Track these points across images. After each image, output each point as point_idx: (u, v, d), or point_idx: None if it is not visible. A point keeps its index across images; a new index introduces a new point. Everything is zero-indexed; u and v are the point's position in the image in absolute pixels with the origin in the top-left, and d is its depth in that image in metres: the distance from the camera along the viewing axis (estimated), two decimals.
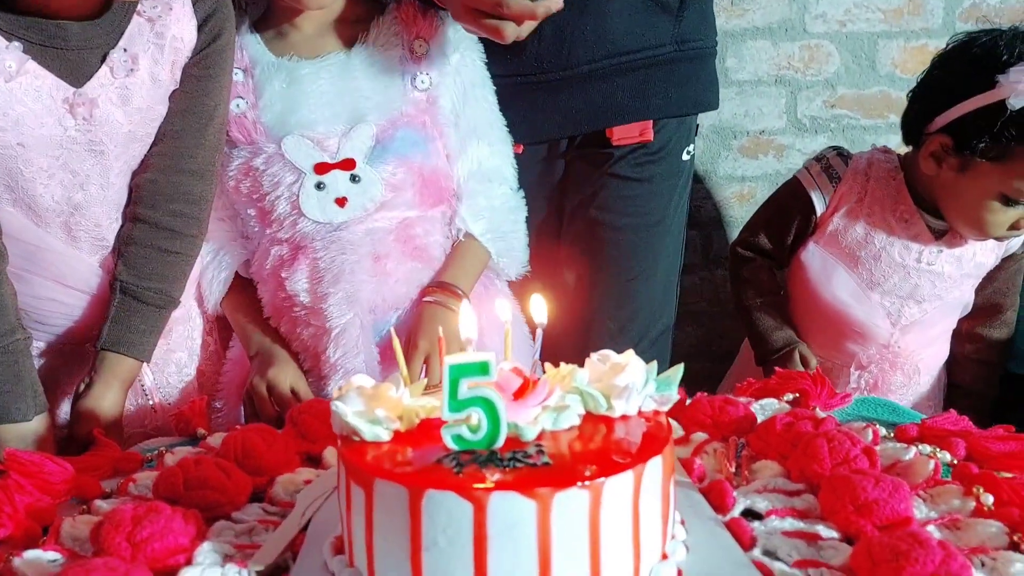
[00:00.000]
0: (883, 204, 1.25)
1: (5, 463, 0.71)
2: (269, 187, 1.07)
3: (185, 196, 1.01)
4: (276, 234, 1.09)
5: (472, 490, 0.51)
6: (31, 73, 0.90)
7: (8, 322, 0.92)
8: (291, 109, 1.07)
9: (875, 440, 0.78)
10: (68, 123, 0.93)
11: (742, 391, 0.92)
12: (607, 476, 0.53)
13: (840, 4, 1.74)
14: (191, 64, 0.99)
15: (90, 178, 0.96)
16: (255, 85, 1.08)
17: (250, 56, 1.09)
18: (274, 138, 1.06)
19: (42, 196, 0.95)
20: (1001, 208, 1.16)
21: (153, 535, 0.59)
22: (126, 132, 0.96)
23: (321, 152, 1.07)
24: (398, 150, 1.08)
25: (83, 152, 0.95)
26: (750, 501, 0.67)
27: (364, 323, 1.08)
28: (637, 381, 0.62)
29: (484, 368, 0.56)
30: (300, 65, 1.08)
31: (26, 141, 0.91)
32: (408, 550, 0.53)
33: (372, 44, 1.09)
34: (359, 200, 1.07)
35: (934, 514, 0.65)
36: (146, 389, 1.08)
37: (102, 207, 0.99)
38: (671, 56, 1.21)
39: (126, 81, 0.95)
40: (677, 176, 1.28)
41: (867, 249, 1.27)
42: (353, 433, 0.58)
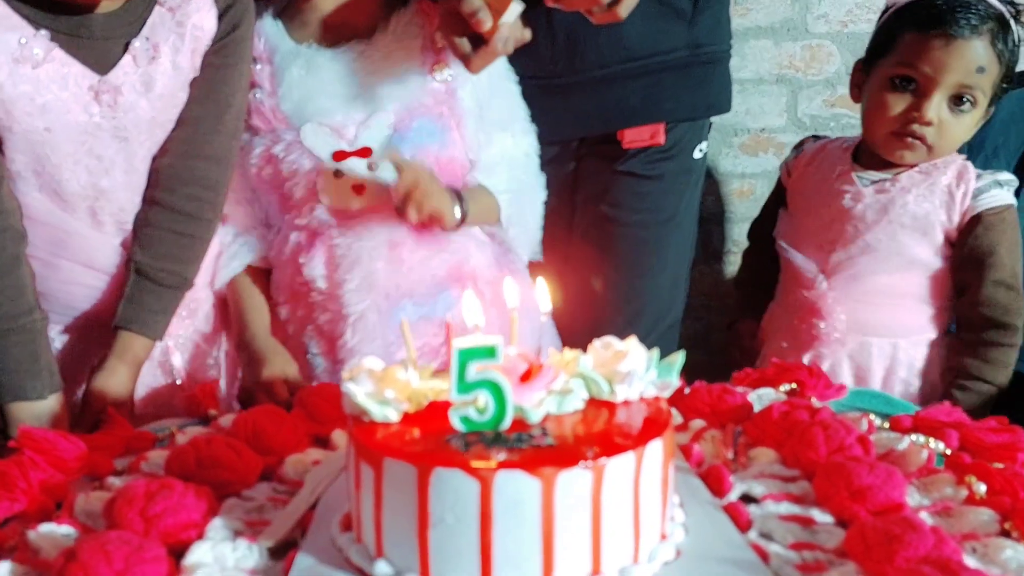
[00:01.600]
0: (829, 162, 1.25)
1: (19, 440, 0.73)
2: (288, 174, 1.08)
3: (202, 180, 1.03)
4: (295, 220, 1.10)
5: (479, 468, 0.53)
6: (57, 61, 0.92)
7: (26, 302, 0.93)
8: (309, 97, 1.08)
9: (870, 429, 0.79)
10: (93, 110, 0.95)
11: (740, 380, 0.94)
12: (609, 457, 0.54)
13: (842, 5, 1.76)
14: (210, 52, 1.01)
15: (115, 163, 0.98)
16: (273, 72, 1.09)
17: (269, 44, 1.10)
18: (293, 126, 1.08)
19: (68, 181, 0.97)
20: (892, 97, 1.14)
21: (166, 510, 0.61)
22: (149, 118, 0.98)
23: (339, 140, 1.08)
24: (415, 139, 1.09)
25: (108, 138, 0.97)
26: (747, 486, 0.69)
27: (381, 309, 1.09)
28: (639, 367, 0.64)
29: (491, 352, 0.57)
30: (319, 53, 1.09)
31: (53, 127, 0.93)
32: (416, 527, 0.54)
33: (392, 34, 1.10)
34: (376, 187, 1.08)
35: (927, 501, 0.67)
36: (175, 370, 1.10)
37: (126, 192, 1.01)
38: (684, 60, 1.22)
39: (148, 69, 0.97)
40: (688, 173, 1.29)
41: (804, 199, 1.27)
42: (363, 413, 0.60)
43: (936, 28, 1.11)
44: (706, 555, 0.59)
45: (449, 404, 0.60)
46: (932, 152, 1.16)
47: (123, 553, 0.54)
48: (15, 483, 0.67)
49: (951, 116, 1.13)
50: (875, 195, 1.18)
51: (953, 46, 1.10)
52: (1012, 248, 1.15)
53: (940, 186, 1.16)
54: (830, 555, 0.59)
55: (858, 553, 0.58)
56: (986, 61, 1.11)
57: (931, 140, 1.14)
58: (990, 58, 1.11)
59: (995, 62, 1.11)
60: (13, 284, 0.92)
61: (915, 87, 1.13)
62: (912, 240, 1.17)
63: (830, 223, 1.21)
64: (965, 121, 1.14)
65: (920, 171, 1.18)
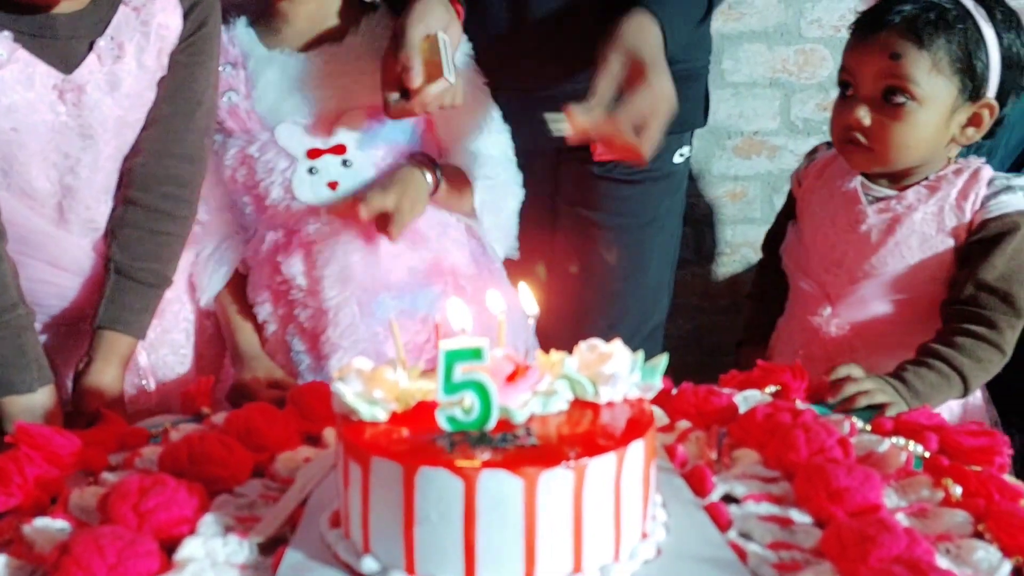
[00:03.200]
0: (837, 176, 1.19)
1: (15, 435, 0.74)
2: (263, 174, 1.10)
3: (175, 179, 1.04)
4: (271, 220, 1.12)
5: (463, 467, 0.54)
6: (22, 61, 0.93)
7: (9, 297, 0.94)
8: (284, 98, 1.10)
9: (851, 432, 0.81)
10: (60, 109, 0.96)
11: (726, 382, 0.96)
12: (591, 457, 0.56)
13: (835, 10, 1.77)
14: (177, 51, 1.02)
15: (81, 162, 0.99)
16: (247, 76, 1.11)
17: (242, 49, 1.12)
18: (268, 126, 1.10)
19: (36, 179, 0.98)
20: (838, 105, 1.12)
21: (158, 506, 0.62)
22: (116, 117, 0.99)
23: (313, 138, 1.10)
24: (388, 136, 1.12)
25: (74, 137, 0.98)
26: (729, 486, 0.70)
27: (360, 302, 1.11)
28: (623, 369, 0.65)
29: (477, 354, 0.59)
30: (292, 56, 1.11)
31: (20, 127, 0.94)
32: (402, 524, 0.56)
33: (363, 35, 1.12)
34: (350, 183, 1.10)
35: (903, 503, 0.69)
36: (141, 368, 1.10)
37: (91, 190, 1.02)
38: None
39: (114, 68, 0.97)
40: (669, 178, 1.29)
41: (811, 215, 1.20)
42: (352, 413, 0.61)
43: (856, 27, 1.11)
44: (685, 554, 0.60)
45: (436, 404, 0.62)
46: (882, 156, 1.08)
47: (116, 547, 0.56)
48: (10, 478, 0.68)
49: (886, 116, 1.06)
50: (879, 214, 1.11)
51: (866, 43, 1.08)
52: (1012, 254, 1.05)
53: (949, 200, 1.08)
54: (807, 555, 0.61)
55: (834, 553, 0.59)
56: (901, 47, 1.03)
57: (867, 143, 1.08)
58: (906, 44, 1.03)
59: (915, 47, 1.03)
60: None
61: (850, 92, 1.10)
62: (919, 263, 1.09)
63: (835, 243, 1.15)
64: (912, 118, 1.05)
65: (927, 184, 1.10)
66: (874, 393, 0.90)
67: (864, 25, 1.09)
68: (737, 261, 1.88)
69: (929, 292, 1.10)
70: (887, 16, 1.05)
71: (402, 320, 1.13)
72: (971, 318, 1.03)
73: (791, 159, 1.82)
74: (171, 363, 1.14)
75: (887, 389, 0.93)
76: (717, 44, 1.76)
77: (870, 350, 1.11)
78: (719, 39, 1.76)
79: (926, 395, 0.95)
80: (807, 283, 1.19)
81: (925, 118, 1.06)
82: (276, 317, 1.14)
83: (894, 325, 1.12)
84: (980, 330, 1.02)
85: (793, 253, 1.23)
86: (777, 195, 1.84)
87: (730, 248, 1.87)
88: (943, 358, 1.00)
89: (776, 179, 1.84)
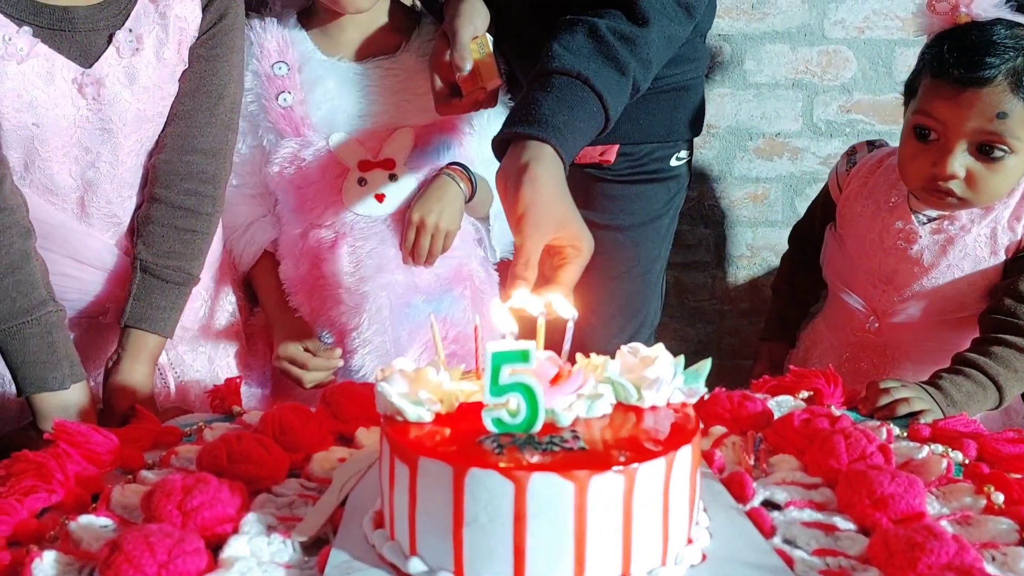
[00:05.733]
0: (883, 188, 1.16)
1: (54, 433, 0.74)
2: (315, 178, 1.13)
3: (199, 175, 1.04)
4: (317, 220, 1.15)
5: (514, 470, 0.54)
6: (42, 55, 0.93)
7: (39, 295, 0.94)
8: (340, 108, 1.13)
9: (889, 439, 0.80)
10: (80, 103, 0.96)
11: (758, 387, 0.95)
12: (641, 462, 0.56)
13: (859, 11, 1.76)
14: (198, 44, 1.02)
15: (101, 156, 0.99)
16: (303, 81, 1.13)
17: (299, 52, 1.13)
18: (322, 133, 1.13)
19: (58, 174, 0.98)
20: (915, 148, 1.07)
21: (203, 504, 0.62)
22: (135, 111, 0.99)
23: (365, 150, 1.14)
24: (433, 154, 1.16)
25: (95, 131, 0.98)
26: (769, 492, 0.70)
27: (394, 305, 1.15)
28: (667, 373, 0.65)
29: (525, 356, 0.58)
30: (350, 68, 1.14)
31: (41, 122, 0.95)
32: (450, 525, 0.55)
33: (416, 53, 1.15)
34: (396, 198, 1.15)
35: (946, 510, 0.68)
36: (160, 366, 1.11)
37: (112, 185, 1.02)
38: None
39: (132, 61, 0.97)
40: (666, 180, 1.29)
41: (855, 227, 1.18)
42: (397, 413, 0.61)
43: (945, 76, 1.02)
44: (732, 559, 0.60)
45: (479, 405, 0.61)
46: (973, 203, 1.06)
47: (166, 545, 0.56)
48: (52, 475, 0.69)
49: (981, 166, 1.03)
50: (932, 236, 1.09)
51: (964, 96, 1.00)
52: None
53: (1002, 221, 1.07)
54: (853, 561, 0.60)
55: (881, 560, 0.59)
56: (1008, 106, 1.00)
57: (961, 194, 1.05)
58: (1013, 101, 1.00)
59: (1020, 101, 1.00)
60: (24, 279, 0.93)
61: (936, 138, 1.05)
62: (970, 283, 1.07)
63: (883, 261, 1.13)
64: (1007, 166, 1.03)
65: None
66: (913, 401, 0.89)
67: (958, 78, 1.01)
68: (757, 265, 1.87)
69: (979, 309, 1.08)
70: (987, 71, 0.99)
71: (427, 321, 1.16)
72: (1007, 328, 1.03)
73: (813, 161, 1.82)
74: (188, 360, 1.15)
75: (924, 397, 0.92)
76: (740, 44, 1.76)
77: (917, 364, 1.11)
78: (741, 39, 1.76)
79: (962, 404, 0.95)
80: (852, 297, 1.18)
81: (1016, 163, 1.04)
82: (308, 309, 1.17)
83: (943, 340, 1.11)
84: (1016, 340, 1.02)
85: (835, 264, 1.22)
86: (799, 198, 1.83)
87: (751, 251, 1.86)
88: (978, 367, 0.99)
89: (798, 181, 1.83)
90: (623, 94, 0.94)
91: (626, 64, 0.93)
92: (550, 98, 0.89)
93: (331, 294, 1.15)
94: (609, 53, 0.92)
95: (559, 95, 0.89)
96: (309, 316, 1.18)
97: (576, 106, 0.90)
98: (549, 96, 0.89)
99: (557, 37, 0.94)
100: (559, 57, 0.91)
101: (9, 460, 0.71)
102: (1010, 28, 1.02)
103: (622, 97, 0.94)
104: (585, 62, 0.91)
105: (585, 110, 0.90)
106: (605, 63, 0.92)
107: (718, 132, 1.80)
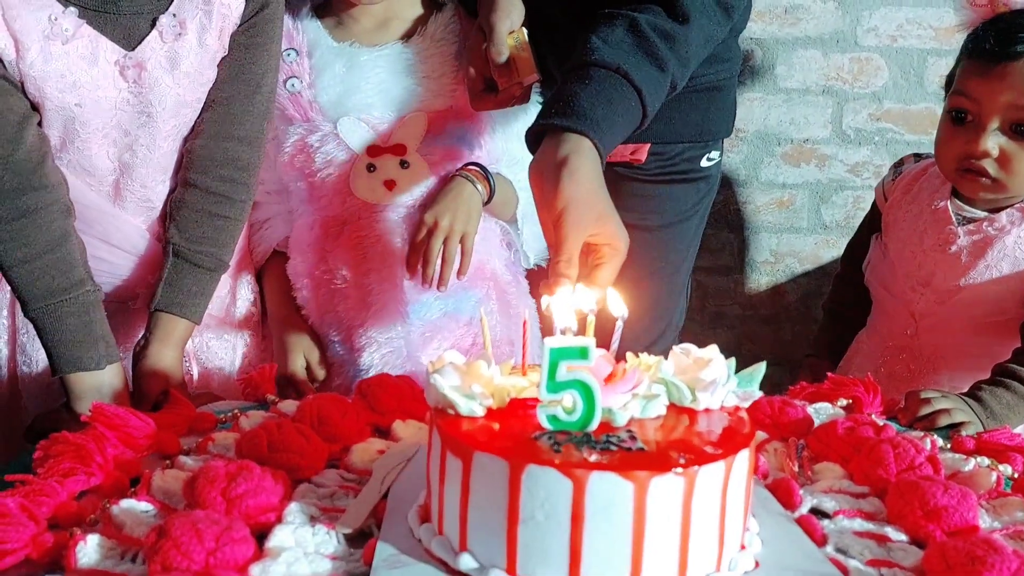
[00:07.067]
0: (926, 192, 1.17)
1: (92, 416, 0.73)
2: (322, 164, 1.10)
3: (234, 162, 1.03)
4: (323, 210, 1.12)
5: (572, 468, 0.53)
6: (86, 37, 0.93)
7: (77, 274, 0.94)
8: (349, 92, 1.10)
9: (933, 449, 0.79)
10: (121, 85, 0.95)
11: (796, 394, 0.94)
12: (701, 465, 0.54)
13: (892, 19, 1.75)
14: (238, 32, 1.01)
15: (138, 139, 0.99)
16: (312, 66, 1.10)
17: (309, 39, 1.11)
18: (330, 118, 1.10)
19: (96, 156, 0.98)
20: (950, 131, 1.09)
21: (247, 492, 0.61)
22: (175, 96, 0.98)
23: (374, 136, 1.10)
24: (446, 141, 1.12)
25: (134, 114, 0.97)
26: (816, 500, 0.69)
27: (400, 300, 1.11)
28: (722, 376, 0.64)
29: (584, 353, 0.57)
30: (360, 52, 1.11)
31: (84, 102, 0.94)
32: (504, 522, 0.54)
33: (431, 38, 1.12)
34: (407, 184, 1.11)
35: (998, 524, 0.67)
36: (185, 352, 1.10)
37: (147, 168, 1.01)
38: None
39: (174, 45, 0.97)
40: (696, 181, 1.27)
41: (898, 231, 1.18)
42: (449, 406, 0.60)
43: (979, 55, 1.06)
44: (785, 566, 0.59)
45: (529, 401, 0.60)
46: (1007, 186, 1.07)
47: (213, 532, 0.55)
48: (92, 457, 0.68)
49: (1015, 146, 1.05)
50: (969, 236, 1.10)
51: (996, 71, 1.04)
52: None
53: None
54: (908, 573, 0.59)
55: (938, 573, 0.58)
56: None
57: (993, 173, 1.06)
58: None
59: None
60: (63, 258, 0.93)
61: (971, 119, 1.07)
62: (1009, 286, 1.08)
63: (922, 262, 1.13)
64: None
65: (1021, 206, 1.09)
66: (953, 412, 0.88)
67: (991, 53, 1.04)
68: (781, 271, 1.86)
69: (1017, 314, 1.08)
70: (1020, 45, 1.02)
71: (447, 322, 1.14)
72: None
73: (841, 169, 1.81)
74: (214, 347, 1.14)
75: (964, 408, 0.91)
76: (771, 49, 1.75)
77: (954, 370, 1.10)
78: (773, 43, 1.75)
79: (1002, 415, 0.94)
80: (891, 301, 1.17)
81: None
82: (315, 304, 1.14)
83: (980, 346, 1.10)
84: None
85: (877, 270, 1.21)
86: (825, 205, 1.82)
87: (775, 257, 1.85)
88: (1019, 378, 0.98)
89: (824, 188, 1.82)
90: (661, 91, 0.93)
91: (666, 61, 0.92)
92: (588, 91, 0.87)
93: (337, 288, 1.12)
94: (649, 49, 0.91)
95: (598, 88, 0.88)
96: (315, 313, 1.15)
97: (616, 100, 0.88)
98: (588, 89, 0.87)
99: (596, 30, 0.92)
100: (598, 50, 0.89)
101: (47, 441, 0.70)
102: None
103: (660, 94, 0.93)
104: (625, 56, 0.89)
105: (624, 105, 0.89)
106: (645, 58, 0.90)
107: (746, 136, 1.79)
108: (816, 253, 1.84)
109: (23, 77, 0.91)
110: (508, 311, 1.18)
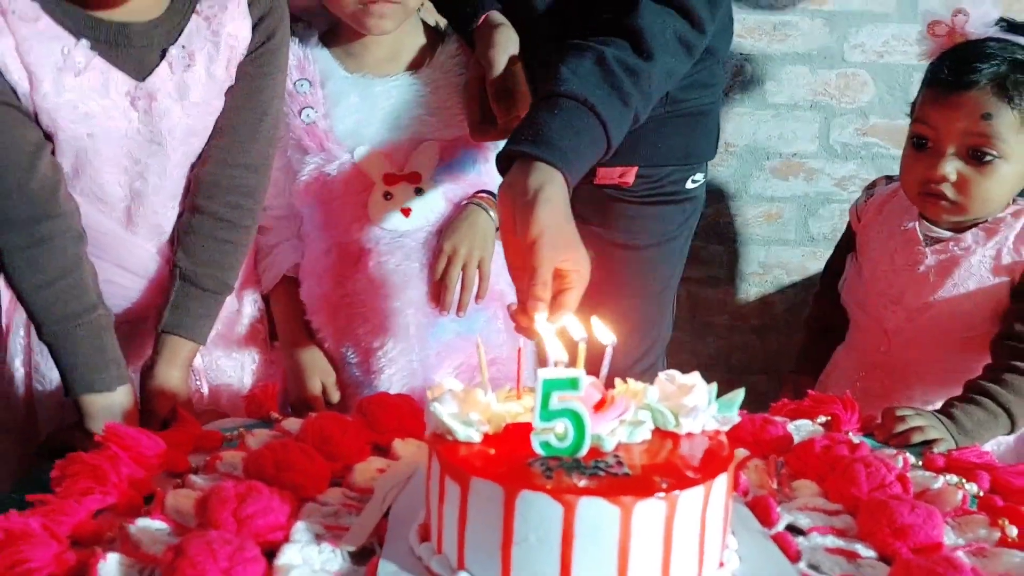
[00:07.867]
0: (897, 213, 1.21)
1: (105, 435, 0.77)
2: (340, 193, 1.13)
3: (240, 188, 1.06)
4: (340, 236, 1.15)
5: (563, 493, 0.57)
6: (98, 69, 0.95)
7: (89, 299, 0.97)
8: (364, 123, 1.13)
9: (905, 467, 0.83)
10: (132, 116, 0.98)
11: (777, 411, 0.98)
12: (682, 489, 0.59)
13: (878, 35, 1.79)
14: (246, 62, 1.04)
15: (150, 168, 1.02)
16: (326, 96, 1.13)
17: (321, 69, 1.14)
18: (347, 147, 1.13)
19: (108, 183, 1.01)
20: (913, 157, 1.13)
21: (257, 512, 0.65)
22: (184, 125, 1.01)
23: (390, 164, 1.14)
24: (457, 168, 1.16)
25: (145, 143, 1.00)
26: (793, 517, 0.73)
27: (419, 323, 1.15)
28: (703, 402, 0.68)
29: (574, 384, 0.61)
30: (373, 82, 1.14)
31: (95, 133, 0.97)
32: (499, 543, 0.58)
33: (439, 69, 1.16)
34: (422, 212, 1.15)
35: (962, 541, 0.71)
36: (195, 371, 1.13)
37: (158, 195, 1.04)
38: (660, 115, 1.19)
39: (184, 76, 0.99)
40: (682, 202, 1.31)
41: (871, 251, 1.22)
42: (448, 432, 0.64)
43: (937, 84, 1.10)
44: None
45: (524, 427, 0.64)
46: (966, 209, 1.10)
47: (227, 551, 0.59)
48: (107, 476, 0.71)
49: (972, 170, 1.08)
50: (936, 256, 1.14)
51: (951, 100, 1.08)
52: None
53: (1007, 244, 1.11)
54: None
55: None
56: (993, 108, 1.06)
57: (952, 197, 1.10)
58: (998, 104, 1.06)
59: (1005, 106, 1.06)
60: (76, 283, 0.96)
61: (930, 145, 1.11)
62: (976, 303, 1.11)
63: (893, 281, 1.18)
64: (999, 173, 1.08)
65: (985, 227, 1.12)
66: (927, 430, 0.92)
67: (947, 83, 1.09)
68: (769, 282, 1.90)
69: (986, 330, 1.11)
70: (973, 75, 1.06)
71: (460, 343, 1.18)
72: (1018, 355, 1.05)
73: (828, 182, 1.85)
74: (223, 366, 1.17)
75: (938, 426, 0.95)
76: (760, 64, 1.80)
77: (927, 386, 1.14)
78: (762, 59, 1.79)
79: (974, 432, 0.98)
80: (865, 318, 1.21)
81: (1009, 171, 1.09)
82: (332, 329, 1.18)
83: (952, 363, 1.13)
84: None
85: (852, 288, 1.25)
86: (812, 218, 1.87)
87: (763, 269, 1.89)
88: (990, 395, 1.02)
89: (812, 202, 1.86)
90: (625, 124, 0.98)
91: (629, 95, 0.96)
92: (557, 121, 0.92)
93: (356, 312, 1.15)
94: (615, 83, 0.95)
95: (566, 119, 0.92)
96: (332, 337, 1.18)
97: (582, 131, 0.93)
98: (556, 119, 0.92)
99: (565, 60, 0.96)
100: (568, 81, 0.94)
101: (64, 461, 0.74)
102: (999, 42, 1.10)
103: (624, 127, 0.97)
104: (592, 89, 0.94)
105: (590, 136, 0.94)
106: (611, 92, 0.95)
107: (735, 151, 1.83)
108: (803, 265, 1.89)
109: (36, 108, 0.94)
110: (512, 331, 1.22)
